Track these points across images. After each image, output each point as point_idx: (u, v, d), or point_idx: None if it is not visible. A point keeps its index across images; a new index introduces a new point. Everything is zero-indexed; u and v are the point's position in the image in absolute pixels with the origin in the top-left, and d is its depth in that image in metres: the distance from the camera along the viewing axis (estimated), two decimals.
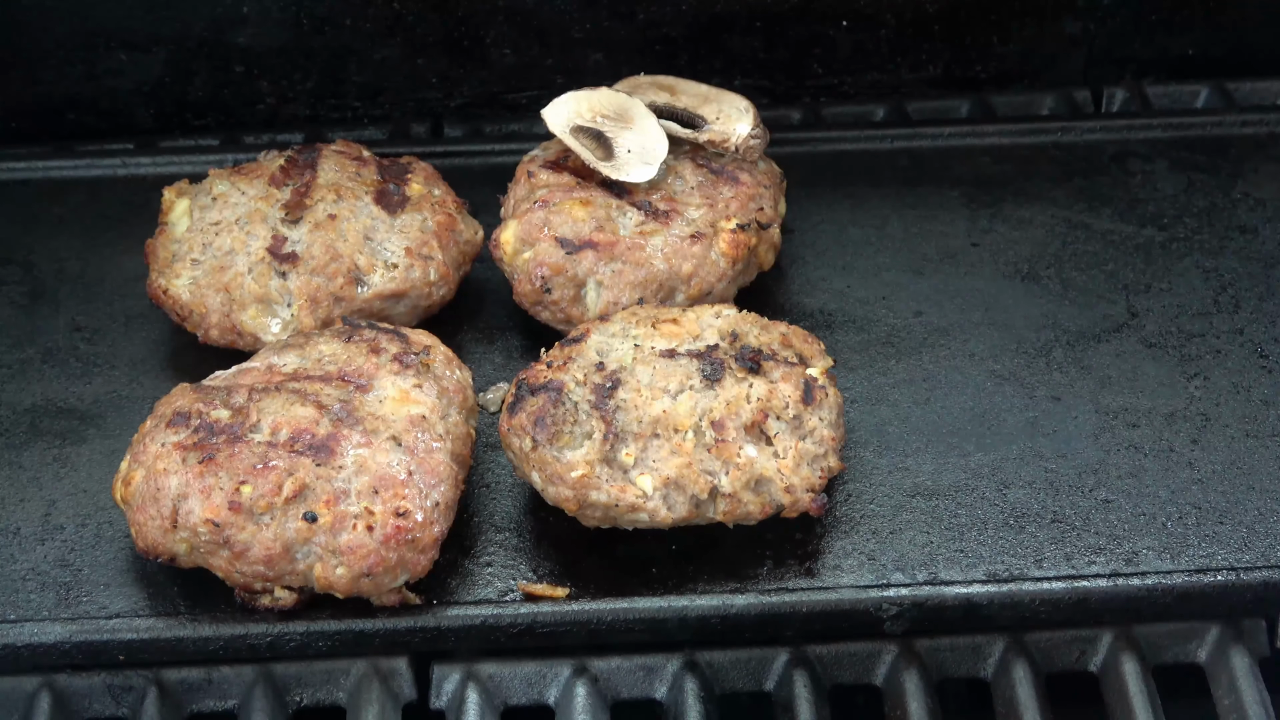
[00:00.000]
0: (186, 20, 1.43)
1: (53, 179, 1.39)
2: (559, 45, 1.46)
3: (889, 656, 1.06)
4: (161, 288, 1.20)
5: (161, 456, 1.03)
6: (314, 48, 1.45)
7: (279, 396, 1.06)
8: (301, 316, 1.18)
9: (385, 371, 1.08)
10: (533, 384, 1.07)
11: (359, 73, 1.47)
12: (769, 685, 1.06)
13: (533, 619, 1.05)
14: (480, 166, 1.36)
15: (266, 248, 1.19)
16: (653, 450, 1.05)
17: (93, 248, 1.33)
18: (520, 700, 1.06)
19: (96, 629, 1.04)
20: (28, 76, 1.45)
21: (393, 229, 1.21)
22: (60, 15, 1.42)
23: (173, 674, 1.05)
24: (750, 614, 1.05)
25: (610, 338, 1.10)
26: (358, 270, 1.19)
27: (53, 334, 1.26)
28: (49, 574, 1.08)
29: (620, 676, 1.06)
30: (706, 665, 1.06)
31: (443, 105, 1.48)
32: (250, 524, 1.00)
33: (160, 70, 1.45)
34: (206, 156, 1.39)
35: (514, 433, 1.06)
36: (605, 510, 1.04)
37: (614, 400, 1.06)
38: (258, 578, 1.01)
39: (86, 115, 1.46)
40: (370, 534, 1.00)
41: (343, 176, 1.24)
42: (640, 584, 1.07)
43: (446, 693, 1.05)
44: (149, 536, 1.03)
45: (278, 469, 1.01)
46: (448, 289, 1.22)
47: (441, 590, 1.06)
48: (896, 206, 1.34)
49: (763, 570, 1.07)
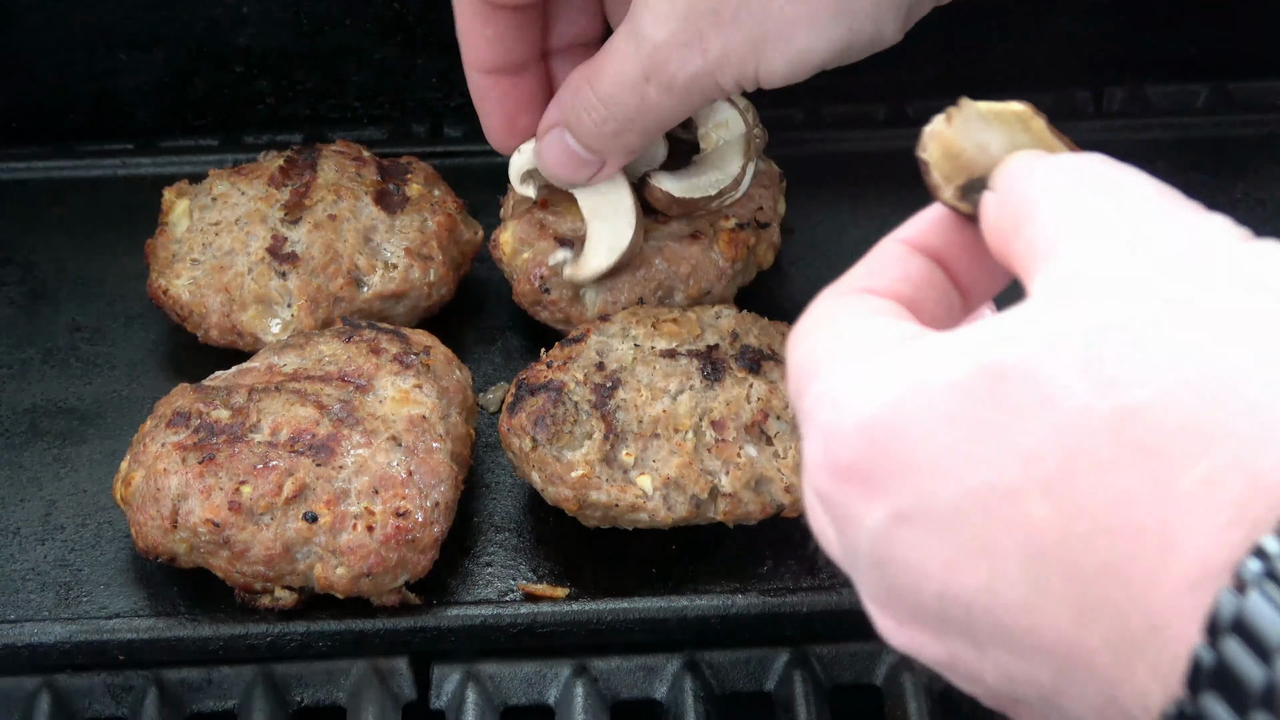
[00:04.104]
0: (186, 20, 1.43)
1: (53, 179, 1.39)
2: None
3: (889, 656, 1.06)
4: (161, 288, 1.20)
5: (161, 456, 1.03)
6: (314, 47, 1.45)
7: (279, 396, 1.06)
8: (301, 316, 1.18)
9: (385, 371, 1.08)
10: (533, 384, 1.07)
11: (359, 73, 1.47)
12: (769, 685, 1.06)
13: (533, 619, 1.05)
14: (480, 166, 1.36)
15: (266, 248, 1.19)
16: (653, 450, 1.05)
17: (93, 248, 1.33)
18: (520, 700, 1.06)
19: (96, 629, 1.04)
20: (28, 76, 1.45)
21: (393, 229, 1.21)
22: (60, 15, 1.42)
23: (173, 674, 1.05)
24: (750, 614, 1.05)
25: (610, 338, 1.10)
26: (358, 270, 1.19)
27: (53, 334, 1.26)
28: (49, 574, 1.08)
29: (620, 676, 1.06)
30: (706, 665, 1.06)
31: (443, 105, 1.48)
32: (250, 524, 1.00)
33: (160, 70, 1.45)
34: (206, 156, 1.39)
35: (514, 433, 1.06)
36: (605, 510, 1.04)
37: (614, 400, 1.06)
38: (258, 578, 1.01)
39: (86, 115, 1.46)
40: (370, 534, 1.00)
41: (343, 176, 1.24)
42: (640, 584, 1.07)
43: (446, 693, 1.05)
44: (149, 536, 1.03)
45: (278, 469, 1.01)
46: (448, 289, 1.22)
47: (441, 590, 1.06)
48: (896, 206, 1.32)
49: (763, 570, 1.07)
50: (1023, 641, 0.62)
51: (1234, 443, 0.56)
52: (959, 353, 0.64)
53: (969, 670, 0.67)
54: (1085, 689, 0.62)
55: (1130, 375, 0.59)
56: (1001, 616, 0.62)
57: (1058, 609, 0.60)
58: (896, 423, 0.65)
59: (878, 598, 0.69)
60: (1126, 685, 0.60)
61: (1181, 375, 0.58)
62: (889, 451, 0.65)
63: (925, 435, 0.64)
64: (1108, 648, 0.59)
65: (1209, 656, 0.55)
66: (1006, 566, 0.61)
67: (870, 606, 0.70)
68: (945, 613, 0.65)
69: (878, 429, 0.65)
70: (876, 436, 0.65)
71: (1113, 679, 0.60)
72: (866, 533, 0.66)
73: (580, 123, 1.08)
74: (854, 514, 0.67)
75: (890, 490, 0.65)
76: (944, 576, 0.64)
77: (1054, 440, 0.60)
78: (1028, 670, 0.63)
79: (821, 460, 0.68)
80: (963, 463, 0.62)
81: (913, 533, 0.65)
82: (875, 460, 0.65)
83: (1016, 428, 0.61)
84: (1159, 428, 0.58)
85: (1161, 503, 0.57)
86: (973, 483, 0.62)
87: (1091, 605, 0.59)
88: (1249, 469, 0.56)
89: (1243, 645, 0.54)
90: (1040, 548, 0.60)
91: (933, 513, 0.64)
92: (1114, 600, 0.59)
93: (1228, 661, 0.54)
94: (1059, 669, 0.62)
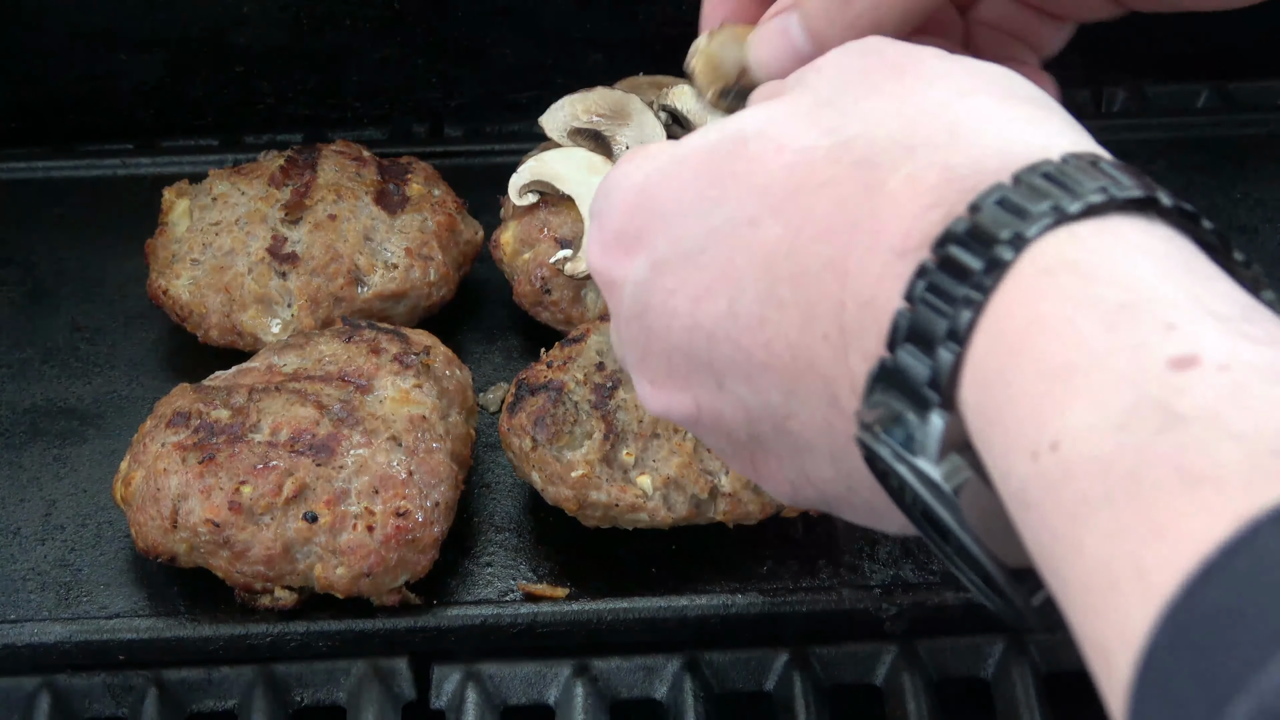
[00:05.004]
0: (186, 20, 1.43)
1: (53, 179, 1.39)
2: (559, 45, 1.46)
3: (889, 656, 1.06)
4: (161, 288, 1.20)
5: (162, 456, 1.03)
6: (314, 48, 1.45)
7: (279, 396, 1.06)
8: (301, 317, 1.18)
9: (385, 371, 1.08)
10: (533, 384, 1.07)
11: (359, 73, 1.47)
12: (769, 685, 1.06)
13: (533, 619, 1.05)
14: (480, 166, 1.36)
15: (266, 248, 1.19)
16: (653, 450, 1.05)
17: (93, 248, 1.33)
18: (520, 700, 1.06)
19: (96, 629, 1.04)
20: (28, 76, 1.45)
21: (393, 229, 1.21)
22: (60, 15, 1.42)
23: (173, 674, 1.05)
24: (750, 614, 1.05)
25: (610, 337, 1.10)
26: (358, 270, 1.19)
27: (53, 334, 1.26)
28: (49, 574, 1.08)
29: (620, 676, 1.06)
30: (706, 665, 1.06)
31: (443, 105, 1.48)
32: (250, 524, 1.00)
33: (160, 70, 1.45)
34: (206, 156, 1.39)
35: (514, 433, 1.06)
36: (605, 510, 1.04)
37: (614, 400, 1.06)
38: (258, 578, 1.01)
39: (86, 115, 1.46)
40: (370, 534, 1.00)
41: (343, 176, 1.24)
42: (640, 584, 1.07)
43: (446, 693, 1.05)
44: (149, 536, 1.03)
45: (278, 469, 1.01)
46: (448, 289, 1.22)
47: (441, 590, 1.06)
48: None
49: (763, 570, 1.07)
50: (757, 359, 0.70)
51: (931, 149, 0.65)
52: (709, 129, 0.74)
53: (713, 414, 0.74)
54: (810, 398, 0.69)
55: (849, 120, 0.69)
56: (740, 337, 0.70)
57: (787, 316, 0.68)
58: (652, 186, 0.74)
59: (637, 359, 0.77)
60: (844, 379, 0.66)
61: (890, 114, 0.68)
62: (646, 210, 0.74)
63: (677, 190, 0.73)
64: (826, 342, 0.67)
65: (905, 318, 0.62)
66: (744, 287, 0.70)
67: (634, 375, 0.79)
68: (691, 350, 0.73)
69: (638, 195, 0.75)
70: (636, 201, 0.75)
71: (832, 376, 0.67)
72: (629, 288, 0.75)
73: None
74: (618, 276, 0.76)
75: (647, 243, 0.74)
76: (691, 309, 0.72)
77: (784, 175, 0.69)
78: (763, 396, 0.71)
79: (597, 239, 0.78)
80: (708, 205, 0.71)
81: (666, 276, 0.73)
82: (635, 221, 0.75)
83: (753, 170, 0.70)
84: (870, 147, 0.67)
85: (872, 200, 0.65)
86: (716, 220, 0.71)
87: (815, 304, 0.67)
88: (945, 165, 0.64)
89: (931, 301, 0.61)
90: (772, 262, 0.68)
91: (682, 253, 0.72)
92: (833, 293, 0.66)
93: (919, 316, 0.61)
94: (789, 383, 0.69)
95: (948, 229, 0.62)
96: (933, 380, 0.61)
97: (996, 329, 0.59)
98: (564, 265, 1.17)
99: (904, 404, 0.62)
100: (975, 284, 0.60)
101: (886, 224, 0.64)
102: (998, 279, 0.59)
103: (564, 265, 1.17)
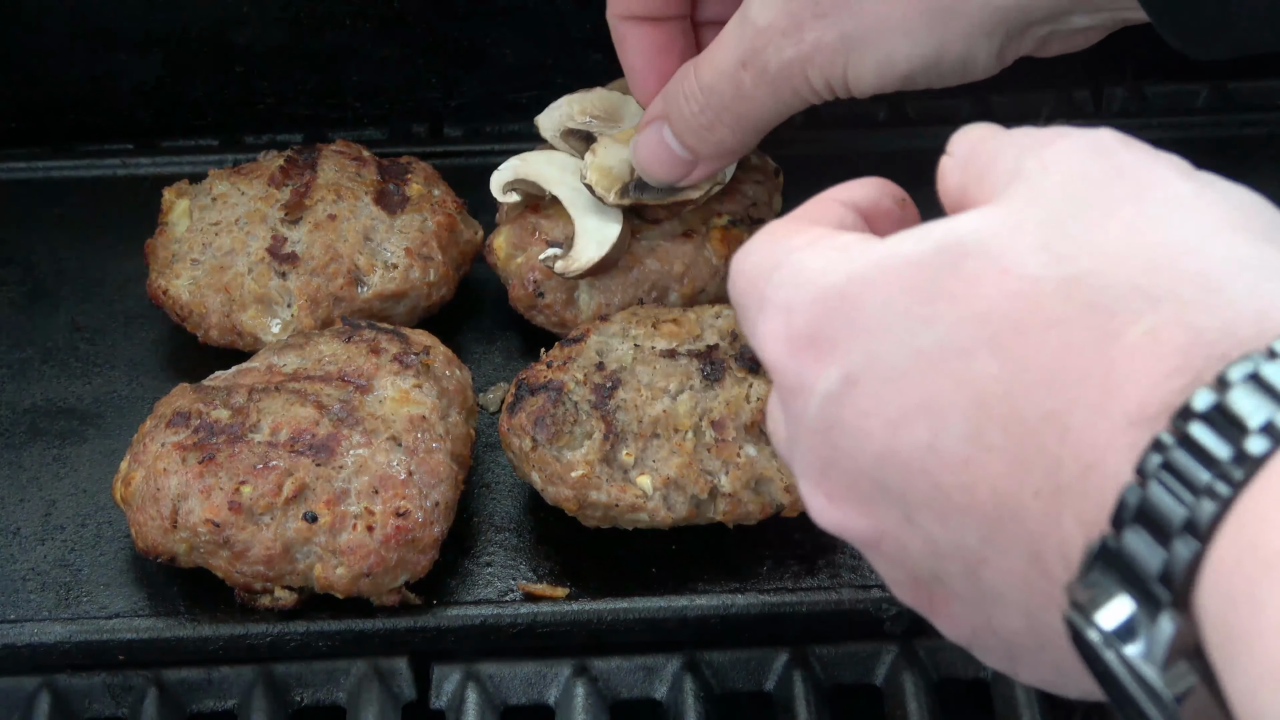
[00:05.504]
0: (186, 20, 1.43)
1: (53, 179, 1.39)
2: (559, 45, 1.46)
3: (889, 656, 1.06)
4: (161, 288, 1.20)
5: (161, 456, 1.03)
6: (314, 48, 1.45)
7: (279, 396, 1.06)
8: (301, 317, 1.18)
9: (385, 371, 1.08)
10: (533, 384, 1.07)
11: (359, 73, 1.47)
12: (769, 685, 1.06)
13: (533, 619, 1.05)
14: (480, 166, 1.36)
15: (266, 248, 1.19)
16: (653, 450, 1.05)
17: (93, 248, 1.33)
18: (520, 700, 1.06)
19: (96, 629, 1.04)
20: (28, 76, 1.45)
21: (393, 229, 1.21)
22: (60, 15, 1.42)
23: (173, 674, 1.05)
24: (750, 614, 1.05)
25: (610, 338, 1.10)
26: (358, 270, 1.19)
27: (53, 334, 1.26)
28: (49, 574, 1.08)
29: (620, 676, 1.06)
30: (706, 665, 1.06)
31: (443, 105, 1.48)
32: (250, 524, 1.00)
33: (160, 70, 1.45)
34: (206, 156, 1.39)
35: (514, 433, 1.06)
36: (605, 510, 1.04)
37: (614, 400, 1.06)
38: (258, 578, 1.01)
39: (86, 115, 1.46)
40: (370, 534, 1.00)
41: (342, 176, 1.24)
42: (640, 584, 1.07)
43: (446, 693, 1.05)
44: (149, 536, 1.03)
45: (278, 469, 1.01)
46: (447, 289, 1.22)
47: (441, 590, 1.06)
48: None
49: (763, 570, 1.07)
50: (955, 501, 0.64)
51: (1177, 303, 0.58)
52: (921, 235, 0.66)
53: (895, 545, 0.68)
54: (1010, 549, 0.63)
55: (1082, 250, 0.61)
56: (939, 474, 0.64)
57: (995, 462, 0.62)
58: (854, 292, 0.67)
59: (816, 471, 0.70)
60: (1052, 538, 0.61)
61: (1130, 248, 0.61)
62: (845, 316, 0.67)
63: (882, 302, 0.66)
64: (1038, 498, 0.61)
65: (1135, 495, 0.56)
66: (949, 422, 0.63)
67: (805, 486, 0.72)
68: (882, 478, 0.66)
69: (837, 298, 0.67)
70: (835, 305, 0.67)
71: (1039, 532, 0.61)
72: (816, 398, 0.68)
73: (679, 112, 1.08)
74: (806, 381, 0.69)
75: (842, 352, 0.67)
76: (886, 435, 0.65)
77: (1006, 304, 0.62)
78: (956, 536, 0.65)
79: (781, 332, 0.70)
80: (916, 325, 0.64)
81: (860, 393, 0.66)
82: (831, 326, 0.67)
83: (970, 293, 0.63)
84: (1107, 290, 0.60)
85: (1106, 353, 0.59)
86: (923, 343, 0.64)
87: (1028, 454, 0.61)
88: (1192, 325, 0.58)
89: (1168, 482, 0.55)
90: (984, 401, 0.62)
91: (882, 372, 0.65)
92: (1050, 448, 0.60)
93: (1152, 498, 0.55)
94: (988, 530, 0.63)
95: (1190, 403, 0.55)
96: (1165, 575, 0.55)
97: (1247, 536, 0.53)
98: (554, 263, 1.17)
99: (1127, 594, 0.56)
100: (1221, 473, 0.54)
101: (1121, 385, 0.58)
102: (1249, 474, 0.53)
103: (554, 263, 1.17)
